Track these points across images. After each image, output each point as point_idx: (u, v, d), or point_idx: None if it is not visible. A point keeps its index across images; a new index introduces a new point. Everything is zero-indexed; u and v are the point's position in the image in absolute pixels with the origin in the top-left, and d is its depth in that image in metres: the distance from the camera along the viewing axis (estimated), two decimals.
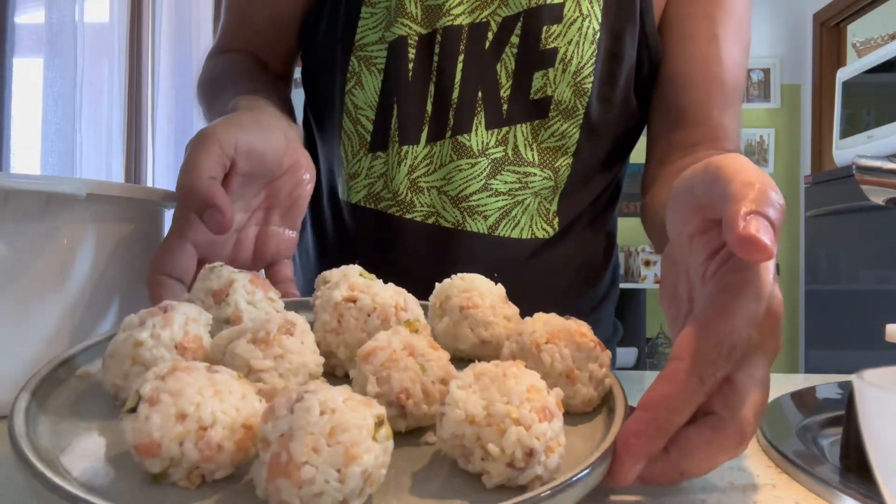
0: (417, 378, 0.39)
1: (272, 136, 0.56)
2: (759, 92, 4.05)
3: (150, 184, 2.18)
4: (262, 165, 0.55)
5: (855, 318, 2.67)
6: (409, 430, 0.40)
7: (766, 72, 4.04)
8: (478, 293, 0.50)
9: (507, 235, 0.71)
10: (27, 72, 1.81)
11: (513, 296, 0.70)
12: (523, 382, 0.35)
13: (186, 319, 0.42)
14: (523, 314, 0.71)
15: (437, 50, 0.69)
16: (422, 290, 0.64)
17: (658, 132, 0.75)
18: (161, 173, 2.20)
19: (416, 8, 0.70)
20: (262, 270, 0.61)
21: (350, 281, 0.48)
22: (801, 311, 3.73)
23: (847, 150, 2.85)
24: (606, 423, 0.41)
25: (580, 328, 0.44)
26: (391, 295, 0.47)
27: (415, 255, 0.72)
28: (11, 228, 0.54)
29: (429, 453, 0.38)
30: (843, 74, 2.95)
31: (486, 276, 0.69)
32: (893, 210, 0.58)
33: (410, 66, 0.70)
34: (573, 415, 0.42)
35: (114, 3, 2.03)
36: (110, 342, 0.42)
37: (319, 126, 0.80)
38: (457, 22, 0.69)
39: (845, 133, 2.90)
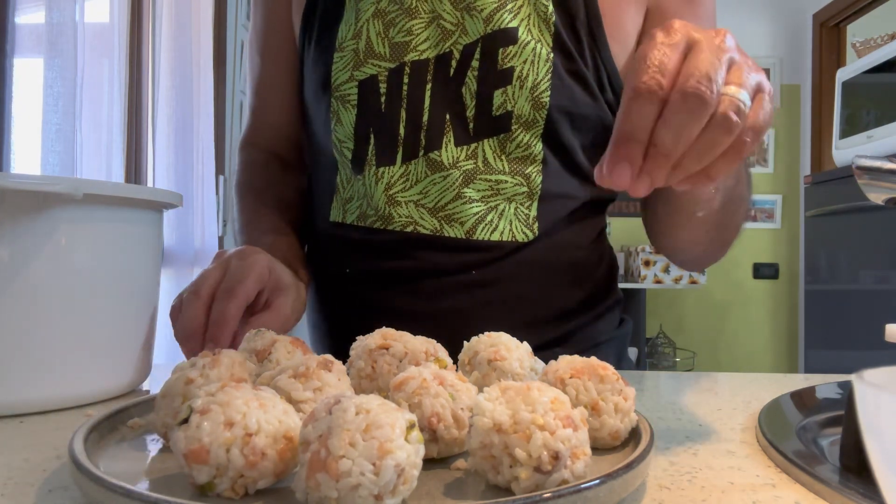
0: (448, 404, 0.41)
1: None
2: None
3: (150, 184, 2.18)
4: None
5: (855, 318, 2.67)
6: (441, 458, 0.42)
7: (766, 72, 4.04)
8: (504, 347, 0.52)
9: (485, 239, 0.75)
10: (27, 72, 1.81)
11: (495, 293, 0.75)
12: (547, 395, 0.37)
13: (233, 363, 0.46)
14: (508, 312, 0.74)
15: (406, 81, 0.75)
16: (406, 296, 0.75)
17: None
18: (161, 173, 2.19)
19: (384, 47, 0.76)
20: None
21: (383, 331, 0.52)
22: (800, 311, 3.73)
23: (847, 150, 2.85)
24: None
25: (602, 364, 0.46)
26: (422, 342, 0.51)
27: (397, 259, 0.77)
28: (9, 228, 0.54)
29: (460, 476, 0.40)
30: (842, 74, 2.95)
31: (464, 274, 0.75)
32: (893, 210, 0.58)
33: (382, 98, 0.76)
34: (601, 449, 0.43)
35: (114, 3, 2.03)
36: (162, 385, 0.45)
37: (314, 161, 0.86)
38: (423, 56, 0.75)
39: (845, 133, 2.90)
